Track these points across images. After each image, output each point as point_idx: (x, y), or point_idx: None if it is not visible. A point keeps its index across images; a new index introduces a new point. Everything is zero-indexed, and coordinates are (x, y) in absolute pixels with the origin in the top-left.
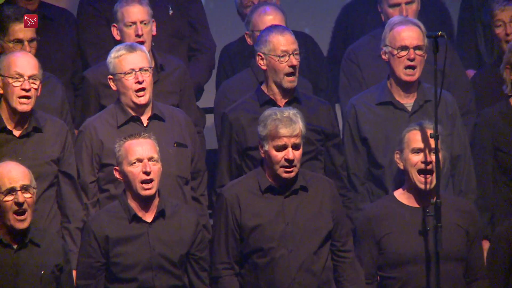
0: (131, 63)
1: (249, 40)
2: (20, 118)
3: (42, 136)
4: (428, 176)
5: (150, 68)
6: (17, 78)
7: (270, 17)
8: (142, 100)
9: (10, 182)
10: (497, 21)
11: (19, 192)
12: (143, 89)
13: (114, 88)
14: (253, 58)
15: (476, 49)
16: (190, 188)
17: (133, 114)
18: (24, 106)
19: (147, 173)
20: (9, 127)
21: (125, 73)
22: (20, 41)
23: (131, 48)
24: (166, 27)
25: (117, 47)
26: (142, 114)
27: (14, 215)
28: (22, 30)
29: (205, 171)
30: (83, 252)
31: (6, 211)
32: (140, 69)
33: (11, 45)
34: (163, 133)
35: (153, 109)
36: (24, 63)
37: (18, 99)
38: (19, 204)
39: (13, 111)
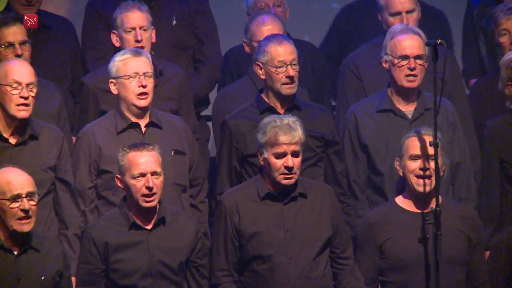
0: (136, 67)
1: (247, 48)
2: (17, 126)
3: (38, 144)
4: (426, 180)
5: (153, 74)
6: (15, 86)
7: (268, 27)
8: (143, 103)
9: (16, 188)
10: (502, 30)
11: (24, 199)
12: (145, 93)
13: (115, 92)
14: (251, 66)
15: (480, 59)
16: (188, 195)
17: (133, 120)
18: (23, 112)
19: (150, 189)
20: (5, 135)
21: (129, 76)
22: (11, 44)
23: (136, 53)
24: (168, 37)
25: (122, 51)
26: (141, 119)
27: (18, 220)
28: (11, 34)
29: (204, 178)
30: (82, 259)
31: (10, 217)
32: (144, 74)
33: (1, 49)
34: (160, 141)
35: (151, 116)
36: (21, 71)
37: (17, 106)
38: (25, 211)
39: (10, 118)
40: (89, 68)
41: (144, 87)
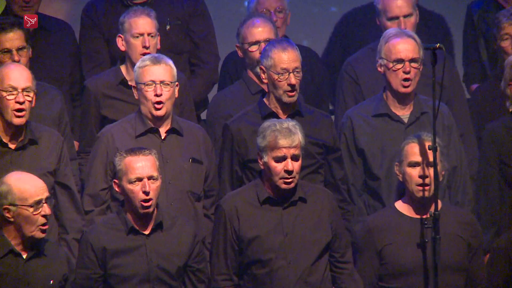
0: (152, 75)
1: (239, 53)
2: (15, 130)
3: (37, 148)
4: (426, 187)
5: (172, 82)
6: (10, 91)
7: (259, 29)
8: (159, 113)
9: (38, 194)
10: (504, 34)
11: (45, 205)
12: (161, 102)
13: (136, 96)
14: (245, 70)
15: (481, 64)
16: (202, 205)
17: (152, 125)
18: (19, 119)
19: (146, 193)
20: (5, 140)
21: (145, 84)
22: (8, 50)
23: (156, 60)
24: (163, 42)
25: (144, 57)
26: (160, 126)
27: (40, 227)
28: (8, 40)
29: (218, 191)
30: (80, 264)
31: (31, 224)
32: (161, 82)
33: None
34: (179, 148)
35: (172, 123)
36: (17, 75)
37: (13, 112)
38: (46, 217)
39: (8, 124)
40: (85, 77)
41: (158, 95)
